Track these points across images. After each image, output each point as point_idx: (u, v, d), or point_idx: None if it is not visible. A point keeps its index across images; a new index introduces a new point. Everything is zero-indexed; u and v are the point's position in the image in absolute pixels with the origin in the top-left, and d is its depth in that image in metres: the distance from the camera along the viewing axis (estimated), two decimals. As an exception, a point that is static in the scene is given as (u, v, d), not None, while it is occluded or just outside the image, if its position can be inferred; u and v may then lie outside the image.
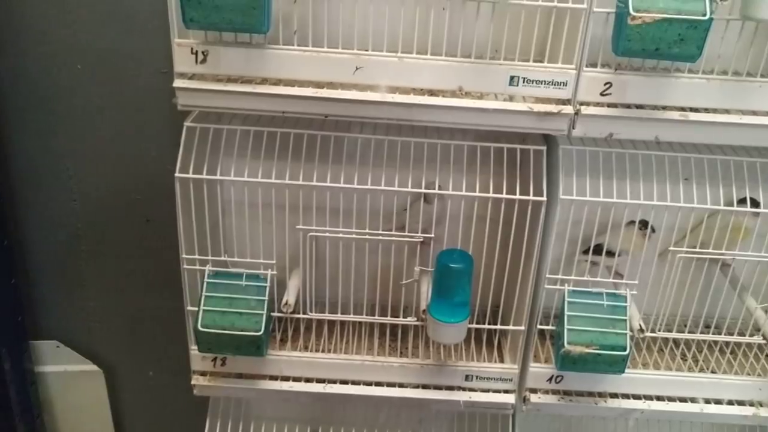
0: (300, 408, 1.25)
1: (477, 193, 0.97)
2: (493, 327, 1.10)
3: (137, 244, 1.29)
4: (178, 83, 0.90)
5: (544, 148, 0.98)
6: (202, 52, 0.90)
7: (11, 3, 1.10)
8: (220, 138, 1.00)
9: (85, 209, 1.27)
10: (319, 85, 0.91)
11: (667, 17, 0.80)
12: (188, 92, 0.91)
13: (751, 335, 1.09)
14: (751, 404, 1.12)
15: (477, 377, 1.10)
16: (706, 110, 0.93)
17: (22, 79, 1.16)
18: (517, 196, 0.97)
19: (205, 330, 0.98)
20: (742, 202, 1.06)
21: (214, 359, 1.09)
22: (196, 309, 1.00)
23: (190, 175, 0.96)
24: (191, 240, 1.01)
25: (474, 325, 1.09)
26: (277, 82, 0.91)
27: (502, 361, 1.12)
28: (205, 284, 1.00)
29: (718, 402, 1.12)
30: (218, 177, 0.97)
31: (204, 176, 0.97)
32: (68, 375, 1.38)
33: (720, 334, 1.11)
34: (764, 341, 1.06)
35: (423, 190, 0.99)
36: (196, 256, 1.02)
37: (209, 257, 1.02)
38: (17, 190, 1.25)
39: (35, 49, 1.14)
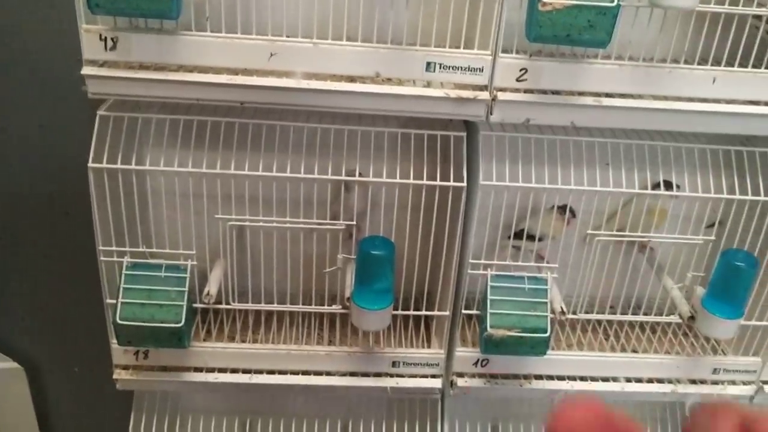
0: (228, 400, 1.23)
1: (398, 180, 0.97)
2: (418, 313, 1.11)
3: (56, 238, 1.25)
4: (86, 70, 0.88)
5: (464, 134, 0.99)
6: (112, 39, 0.87)
7: None
8: (136, 127, 0.98)
9: (1, 203, 1.23)
10: (234, 72, 0.90)
11: (577, 4, 0.81)
12: (98, 80, 0.88)
13: (669, 314, 1.12)
14: (670, 381, 1.15)
15: (404, 363, 1.10)
16: (620, 95, 0.95)
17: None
18: (438, 182, 0.98)
19: (123, 323, 0.96)
20: (657, 186, 1.09)
21: (137, 352, 1.07)
22: (115, 302, 0.97)
23: (104, 165, 0.94)
24: (108, 232, 0.98)
25: (400, 312, 1.10)
26: (192, 70, 0.89)
27: (429, 346, 1.13)
28: (123, 276, 0.98)
29: (638, 380, 1.15)
30: (133, 167, 0.95)
31: (118, 166, 0.95)
32: (-12, 373, 1.34)
33: (640, 314, 1.14)
34: (681, 320, 1.09)
35: (343, 178, 0.98)
36: (114, 248, 0.99)
37: (127, 248, 1.00)
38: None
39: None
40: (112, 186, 0.96)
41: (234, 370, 1.09)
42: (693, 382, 1.15)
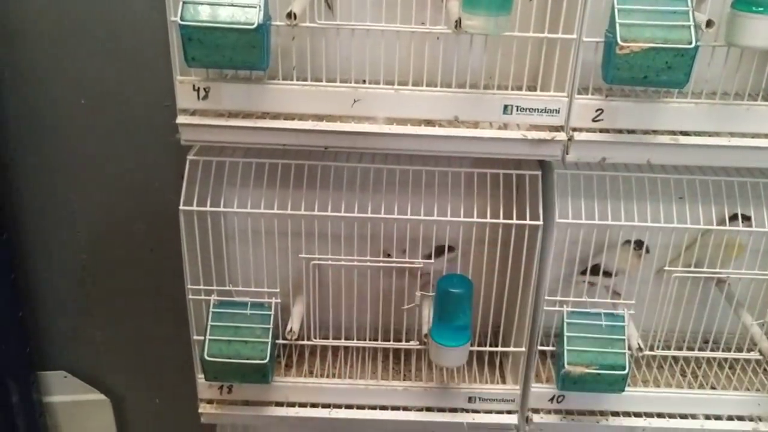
0: (306, 433, 1.26)
1: (475, 219, 1.00)
2: (494, 349, 1.12)
3: (142, 274, 1.31)
4: (181, 119, 0.93)
5: (539, 173, 1.01)
6: (204, 89, 0.92)
7: (18, 40, 1.13)
8: (223, 169, 1.03)
9: (90, 240, 1.29)
10: (318, 117, 0.94)
11: (654, 46, 0.83)
12: (191, 128, 0.93)
13: (749, 350, 1.11)
14: (751, 419, 1.13)
15: (480, 399, 1.11)
16: (696, 133, 0.95)
17: (26, 115, 1.19)
18: (514, 221, 0.99)
19: (211, 359, 1.00)
20: (734, 218, 1.08)
21: (221, 387, 1.10)
22: (202, 338, 1.01)
23: (194, 208, 0.98)
24: (196, 271, 1.03)
25: (475, 348, 1.11)
26: (277, 116, 0.94)
27: (504, 382, 1.14)
28: (210, 314, 1.02)
29: (718, 418, 1.13)
30: (221, 209, 0.99)
31: (207, 208, 0.99)
32: (76, 405, 1.39)
33: (718, 349, 1.13)
34: (761, 357, 1.07)
35: (422, 218, 1.00)
36: (201, 287, 1.04)
37: (214, 287, 1.04)
38: (23, 223, 1.27)
39: (40, 85, 1.16)
40: (199, 226, 1.00)
41: (314, 405, 1.11)
42: (775, 420, 1.13)
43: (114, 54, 1.14)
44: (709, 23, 0.86)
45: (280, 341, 1.06)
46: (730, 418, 1.13)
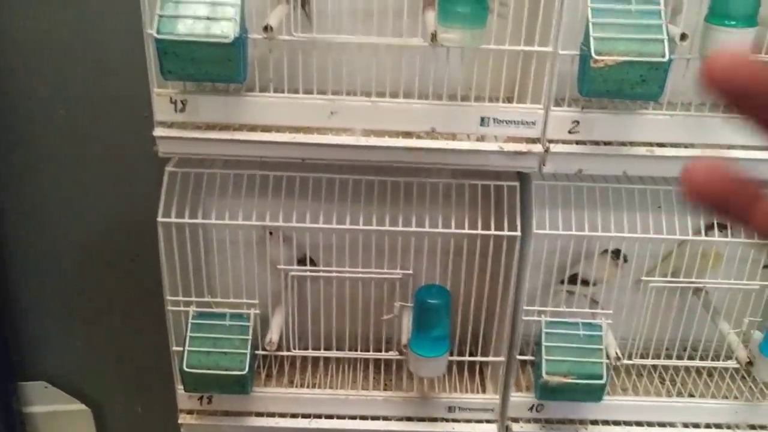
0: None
1: (453, 230, 1.00)
2: (473, 359, 1.13)
3: (124, 283, 1.30)
4: (158, 132, 0.93)
5: (517, 184, 1.01)
6: (181, 101, 0.92)
7: (-5, 51, 1.13)
8: (202, 180, 1.03)
9: (71, 249, 1.29)
10: (295, 129, 0.94)
11: (629, 60, 0.83)
12: (168, 140, 0.93)
13: (727, 358, 1.12)
14: (728, 427, 1.14)
15: (459, 408, 1.12)
16: (672, 145, 0.96)
17: (5, 125, 1.18)
18: (492, 232, 1.00)
19: (190, 370, 1.00)
20: (710, 228, 1.09)
21: (201, 397, 1.10)
22: (182, 349, 1.01)
23: (173, 220, 0.98)
24: (175, 282, 1.03)
25: (455, 357, 1.11)
26: (255, 128, 0.94)
27: (483, 391, 1.14)
28: (189, 325, 1.02)
29: (696, 426, 1.14)
30: (200, 221, 0.99)
31: (186, 220, 0.99)
32: (56, 415, 1.39)
33: (696, 358, 1.13)
34: (738, 365, 1.08)
35: (400, 229, 1.00)
36: (180, 298, 1.03)
37: (193, 298, 1.04)
38: (2, 232, 1.27)
39: (20, 95, 1.16)
40: (178, 238, 1.00)
41: (294, 415, 1.11)
42: (752, 427, 1.14)
43: (93, 64, 1.14)
44: (683, 36, 0.87)
45: (260, 352, 1.06)
46: (707, 426, 1.14)
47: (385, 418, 1.12)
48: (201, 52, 0.83)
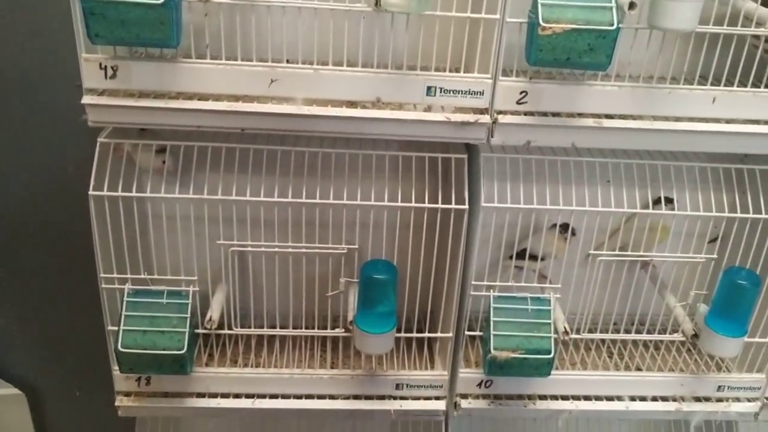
0: (231, 425, 1.23)
1: (399, 204, 0.97)
2: (421, 335, 1.10)
3: (56, 262, 1.25)
4: (87, 99, 0.87)
5: (465, 156, 0.99)
6: (112, 67, 0.87)
7: None
8: (137, 152, 0.98)
9: (0, 227, 1.23)
10: (234, 98, 0.90)
11: (576, 27, 0.81)
12: (98, 108, 0.88)
13: (673, 331, 1.12)
14: (674, 399, 1.15)
15: (407, 385, 1.10)
16: (620, 116, 0.95)
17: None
18: (440, 205, 0.98)
19: (125, 350, 0.96)
20: (657, 202, 1.09)
21: (138, 379, 1.06)
22: (117, 329, 0.97)
23: (105, 193, 0.93)
24: (109, 258, 0.98)
25: (403, 334, 1.09)
26: (191, 97, 0.89)
27: (432, 368, 1.13)
28: (124, 303, 0.98)
29: (642, 399, 1.15)
30: (134, 194, 0.94)
31: (119, 193, 0.94)
32: (-12, 400, 1.33)
33: (643, 331, 1.13)
34: (684, 338, 1.09)
35: (345, 202, 0.97)
36: (115, 275, 0.99)
37: (128, 275, 0.99)
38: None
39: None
40: (113, 212, 0.95)
41: (237, 395, 1.08)
42: (698, 399, 1.15)
43: (18, 31, 1.07)
44: (631, 5, 0.85)
45: (200, 331, 1.02)
46: (654, 399, 1.15)
47: (332, 397, 1.09)
48: (131, 13, 0.79)
